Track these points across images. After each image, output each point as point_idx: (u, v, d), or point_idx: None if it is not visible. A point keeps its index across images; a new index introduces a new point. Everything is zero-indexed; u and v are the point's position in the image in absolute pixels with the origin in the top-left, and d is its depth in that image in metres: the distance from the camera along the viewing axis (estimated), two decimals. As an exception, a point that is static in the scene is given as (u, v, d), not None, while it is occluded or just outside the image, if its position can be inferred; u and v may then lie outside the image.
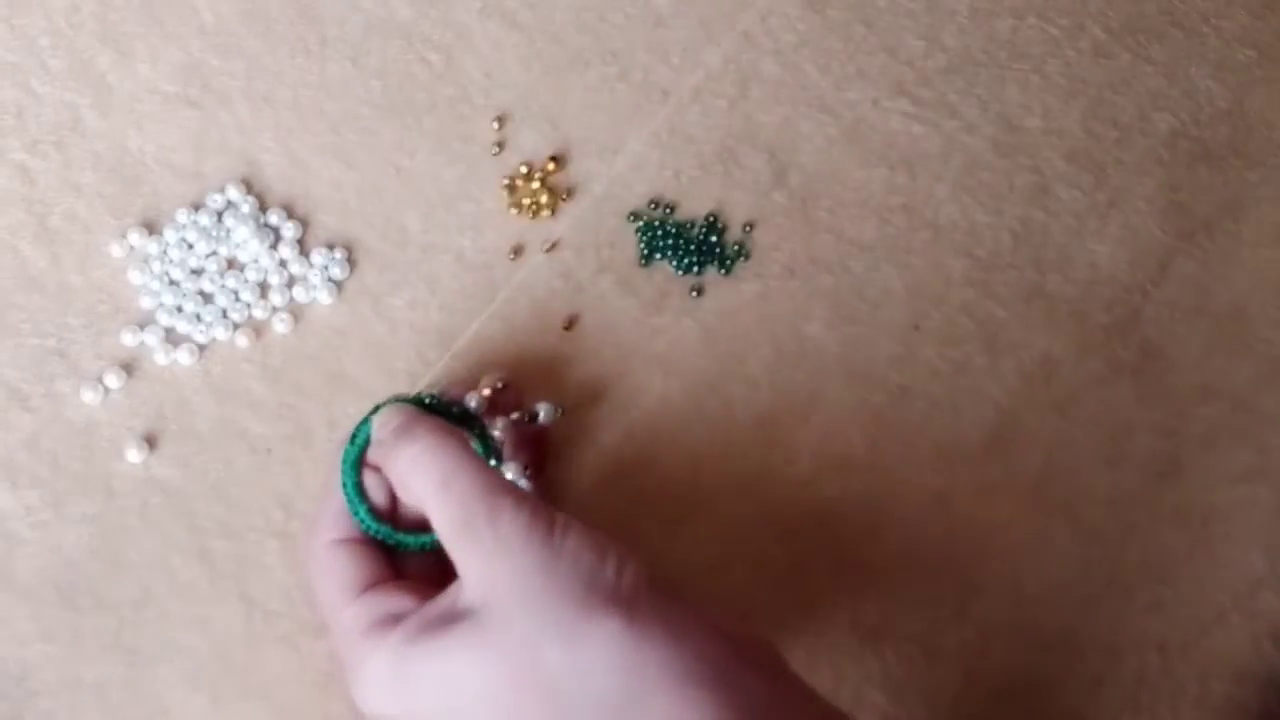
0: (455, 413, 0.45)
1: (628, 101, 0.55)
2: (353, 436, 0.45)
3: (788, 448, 0.51)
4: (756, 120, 0.55)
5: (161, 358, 0.50)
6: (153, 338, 0.50)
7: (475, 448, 0.45)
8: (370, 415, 0.45)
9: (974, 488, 0.51)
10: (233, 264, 0.52)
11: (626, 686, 0.37)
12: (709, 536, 0.50)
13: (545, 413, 0.47)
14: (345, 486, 0.44)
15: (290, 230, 0.52)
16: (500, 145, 0.54)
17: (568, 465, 0.50)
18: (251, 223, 0.52)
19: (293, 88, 0.54)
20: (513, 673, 0.38)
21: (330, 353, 0.51)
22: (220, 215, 0.52)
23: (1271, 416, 0.52)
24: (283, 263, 0.52)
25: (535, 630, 0.38)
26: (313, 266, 0.52)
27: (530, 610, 0.38)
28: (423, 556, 0.45)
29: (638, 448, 0.50)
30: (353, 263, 0.52)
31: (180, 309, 0.51)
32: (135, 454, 0.49)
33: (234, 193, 0.52)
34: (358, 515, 0.44)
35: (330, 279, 0.52)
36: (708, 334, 0.52)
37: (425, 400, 0.45)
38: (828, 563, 0.50)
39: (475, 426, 0.45)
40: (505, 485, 0.41)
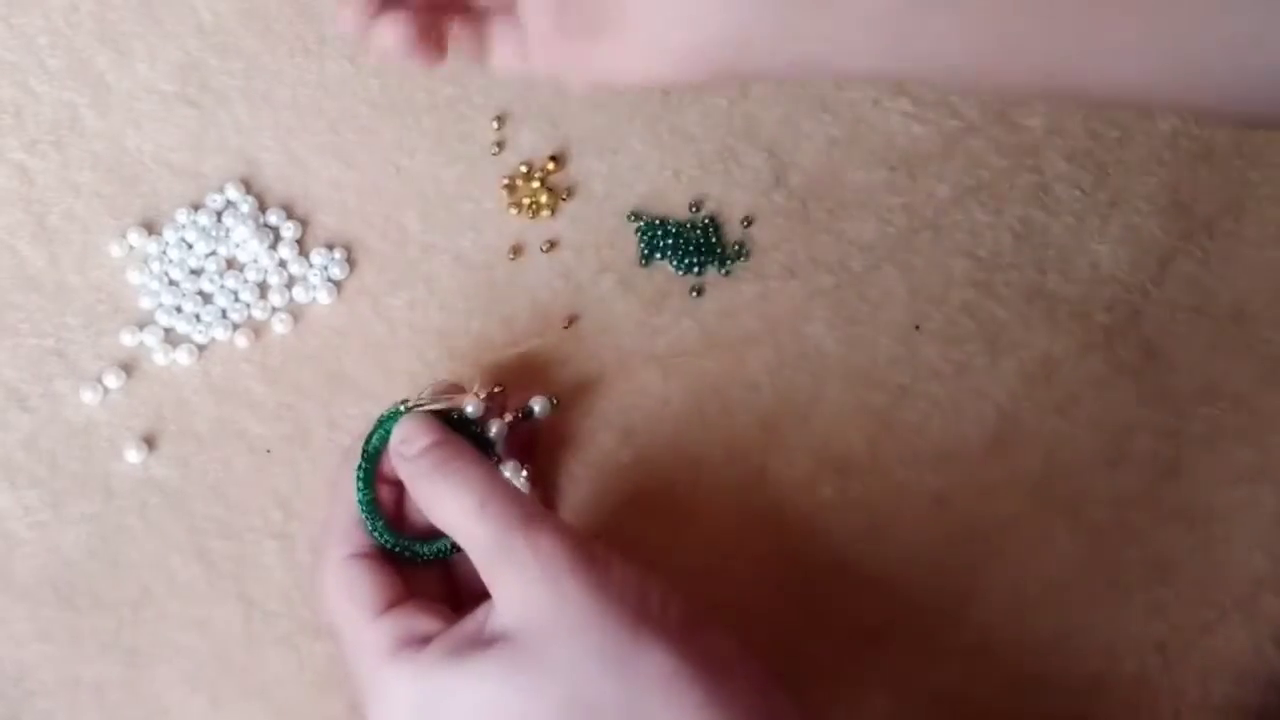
0: (455, 418, 0.45)
1: (628, 101, 0.55)
2: (363, 450, 0.45)
3: (788, 448, 0.51)
4: (756, 120, 0.55)
5: (160, 358, 0.50)
6: (152, 338, 0.50)
7: None
8: (378, 427, 0.45)
9: (974, 488, 0.51)
10: (232, 264, 0.52)
11: (672, 714, 0.37)
12: (709, 537, 0.50)
13: (540, 407, 0.47)
14: (361, 503, 0.44)
15: (289, 230, 0.52)
16: (500, 145, 0.54)
17: (567, 465, 0.50)
18: (251, 222, 0.52)
19: (291, 87, 0.54)
20: (559, 699, 0.37)
21: (329, 353, 0.51)
22: (219, 215, 0.52)
23: (1272, 417, 0.52)
24: (282, 263, 0.52)
25: (582, 656, 0.37)
26: (312, 266, 0.52)
27: (577, 637, 0.37)
28: (430, 573, 0.45)
29: (637, 448, 0.50)
30: (352, 263, 0.52)
31: (179, 309, 0.51)
32: (134, 454, 0.49)
33: (233, 192, 0.52)
34: (374, 530, 0.43)
35: (329, 279, 0.52)
36: (708, 334, 0.52)
37: (429, 408, 0.45)
38: (828, 563, 0.50)
39: (473, 430, 0.45)
40: (543, 511, 0.40)
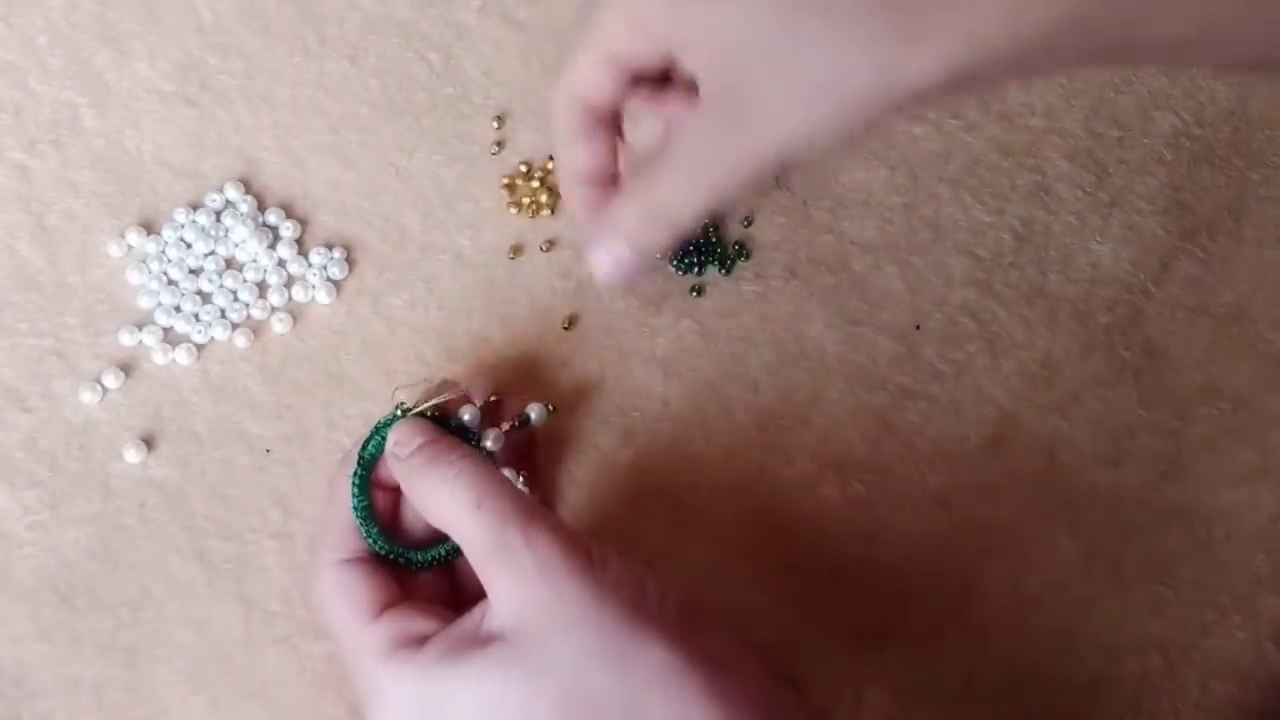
0: (452, 425, 0.45)
1: (627, 100, 0.55)
2: (359, 456, 0.44)
3: (788, 448, 0.51)
4: (757, 119, 0.55)
5: (160, 357, 0.50)
6: (151, 337, 0.50)
7: None
8: (374, 434, 0.45)
9: (975, 488, 0.51)
10: (231, 263, 0.52)
11: (672, 710, 0.37)
12: (709, 537, 0.49)
13: (536, 414, 0.47)
14: (356, 510, 0.44)
15: (289, 230, 0.52)
16: (499, 144, 0.54)
17: (566, 466, 0.50)
18: (250, 222, 0.51)
19: (291, 87, 0.54)
20: (558, 696, 0.37)
21: (329, 352, 0.51)
22: (218, 215, 0.52)
23: (1273, 417, 0.52)
24: (281, 262, 0.52)
25: (581, 653, 0.37)
26: (311, 266, 0.52)
27: (575, 633, 0.37)
28: (430, 576, 0.45)
29: (637, 448, 0.50)
30: (351, 262, 0.52)
31: (178, 309, 0.51)
32: (133, 454, 0.49)
33: (232, 192, 0.52)
34: (369, 537, 0.43)
35: (329, 279, 0.52)
36: (708, 334, 0.52)
37: (427, 414, 0.45)
38: (828, 563, 0.50)
39: (470, 439, 0.45)
40: (540, 509, 0.40)
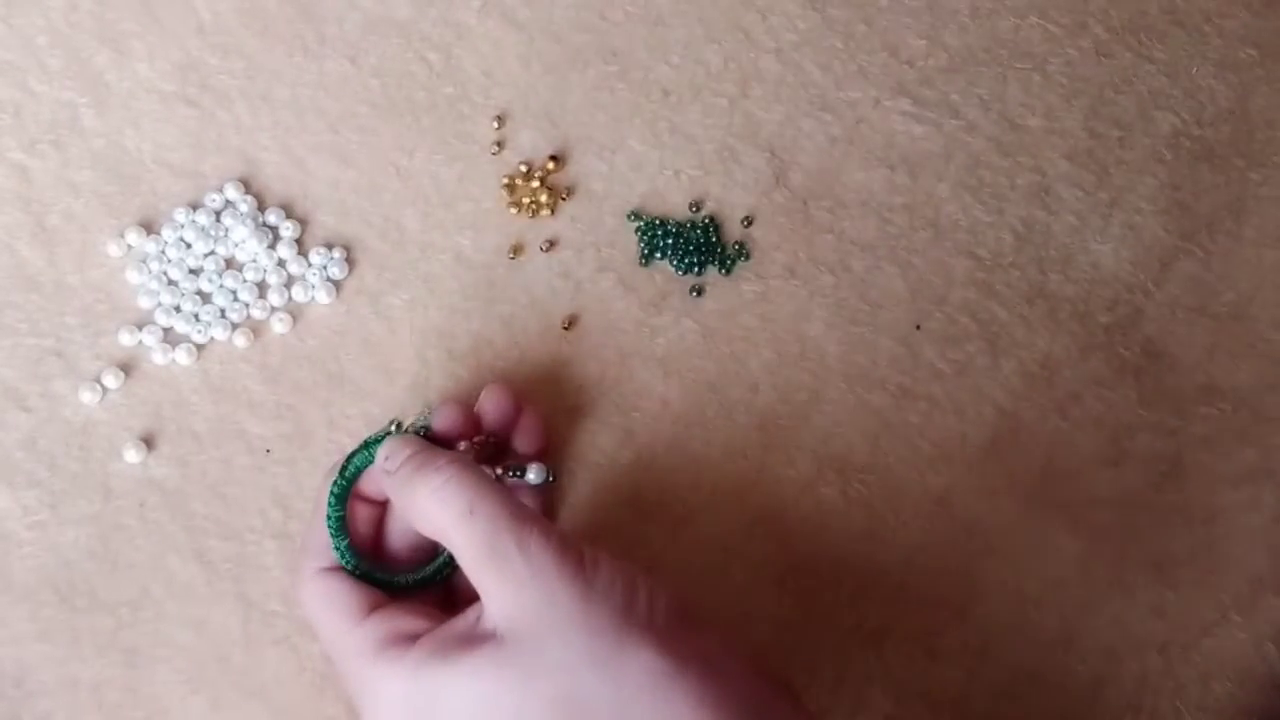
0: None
1: (628, 101, 0.55)
2: (341, 469, 0.44)
3: (788, 448, 0.51)
4: (757, 119, 0.55)
5: (159, 357, 0.50)
6: (151, 337, 0.50)
7: None
8: (362, 448, 0.45)
9: (975, 488, 0.51)
10: (231, 263, 0.52)
11: (661, 714, 0.37)
12: (709, 537, 0.49)
13: (535, 474, 0.45)
14: (329, 520, 0.44)
15: (288, 230, 0.52)
16: (499, 144, 0.54)
17: (567, 466, 0.50)
18: (250, 222, 0.51)
19: (291, 86, 0.54)
20: (550, 698, 0.37)
21: (329, 352, 0.51)
22: (218, 214, 0.52)
23: (1274, 417, 0.52)
24: (281, 262, 0.52)
25: (572, 656, 0.37)
26: (311, 266, 0.52)
27: (566, 637, 0.38)
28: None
29: (637, 448, 0.50)
30: (351, 262, 0.52)
31: (178, 308, 0.50)
32: (133, 454, 0.49)
33: (232, 192, 0.52)
34: (337, 549, 0.44)
35: (329, 278, 0.52)
36: (708, 334, 0.52)
37: (419, 434, 0.45)
38: (828, 564, 0.50)
39: None
40: (532, 513, 0.41)
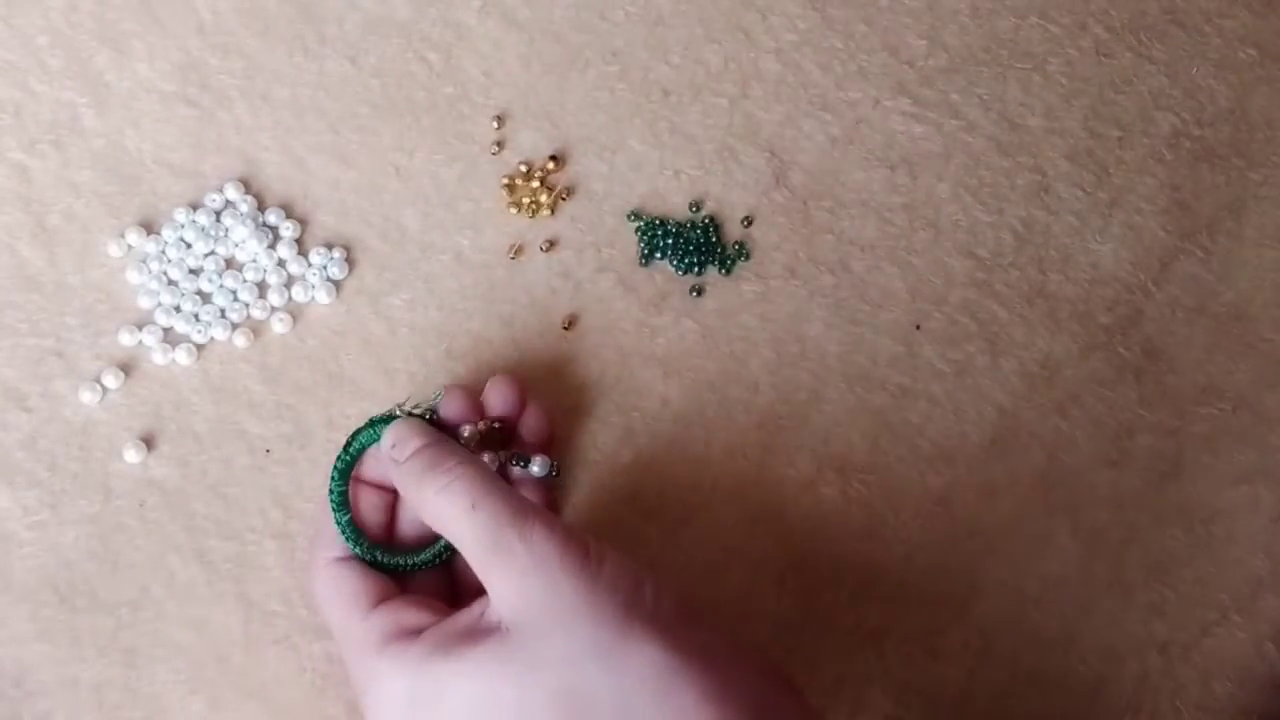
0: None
1: (628, 101, 0.55)
2: (346, 445, 0.45)
3: (788, 448, 0.51)
4: (757, 119, 0.55)
5: (159, 357, 0.50)
6: (151, 337, 0.50)
7: None
8: (368, 426, 0.45)
9: (975, 488, 0.51)
10: (231, 263, 0.52)
11: (664, 709, 0.37)
12: (709, 537, 0.49)
13: (539, 466, 0.46)
14: (331, 495, 0.44)
15: (288, 230, 0.52)
16: (499, 144, 0.54)
17: (567, 465, 0.50)
18: (250, 222, 0.51)
19: (291, 87, 0.54)
20: (552, 691, 0.37)
21: (329, 352, 0.51)
22: (218, 215, 0.52)
23: (1273, 417, 0.52)
24: (281, 262, 0.52)
25: (576, 649, 0.37)
26: (311, 266, 0.52)
27: (570, 629, 0.38)
28: (429, 573, 0.45)
29: (637, 448, 0.50)
30: (351, 262, 0.52)
31: (178, 309, 0.50)
32: (133, 454, 0.49)
33: (232, 192, 0.52)
34: (338, 525, 0.44)
35: (329, 278, 0.52)
36: (708, 334, 0.52)
37: (425, 416, 0.45)
38: (828, 563, 0.50)
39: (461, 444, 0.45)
40: (535, 508, 0.41)
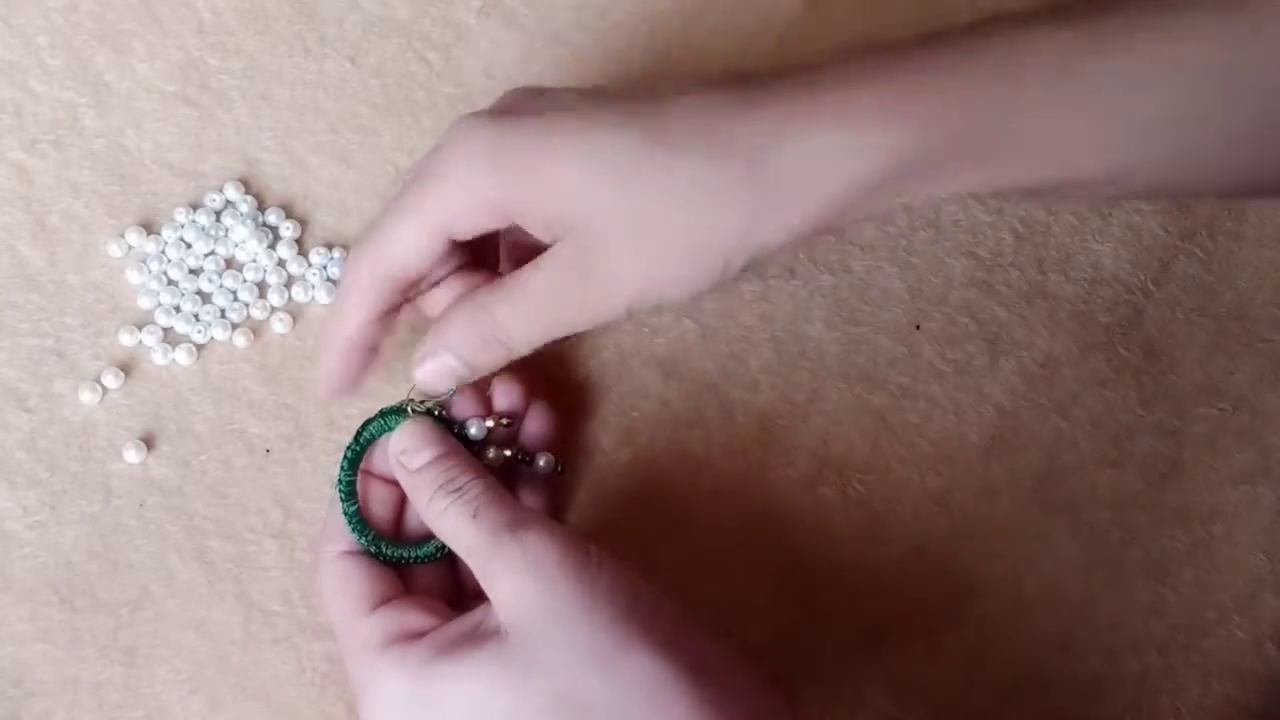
0: (455, 433, 0.45)
1: (627, 100, 0.55)
2: (356, 435, 0.45)
3: (787, 448, 0.51)
4: (757, 119, 0.55)
5: (159, 357, 0.50)
6: (151, 337, 0.50)
7: None
8: (378, 417, 0.45)
9: (975, 488, 0.51)
10: (231, 263, 0.52)
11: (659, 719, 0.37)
12: (709, 538, 0.49)
13: (544, 462, 0.46)
14: (339, 484, 0.44)
15: (289, 230, 0.52)
16: (499, 144, 0.54)
17: (566, 467, 0.50)
18: (250, 222, 0.51)
19: (291, 86, 0.54)
20: (548, 697, 0.37)
21: (329, 352, 0.51)
22: (218, 214, 0.52)
23: (1274, 417, 0.52)
24: (281, 262, 0.52)
25: (573, 656, 0.37)
26: (311, 266, 0.52)
27: (567, 635, 0.37)
28: (434, 572, 0.45)
29: (637, 449, 0.50)
30: (351, 262, 0.52)
31: (178, 308, 0.50)
32: (133, 454, 0.49)
33: (232, 192, 0.52)
34: (346, 514, 0.44)
35: (329, 278, 0.52)
36: (708, 334, 0.52)
37: (435, 412, 0.45)
38: (828, 563, 0.50)
39: (471, 448, 0.45)
40: (535, 514, 0.41)
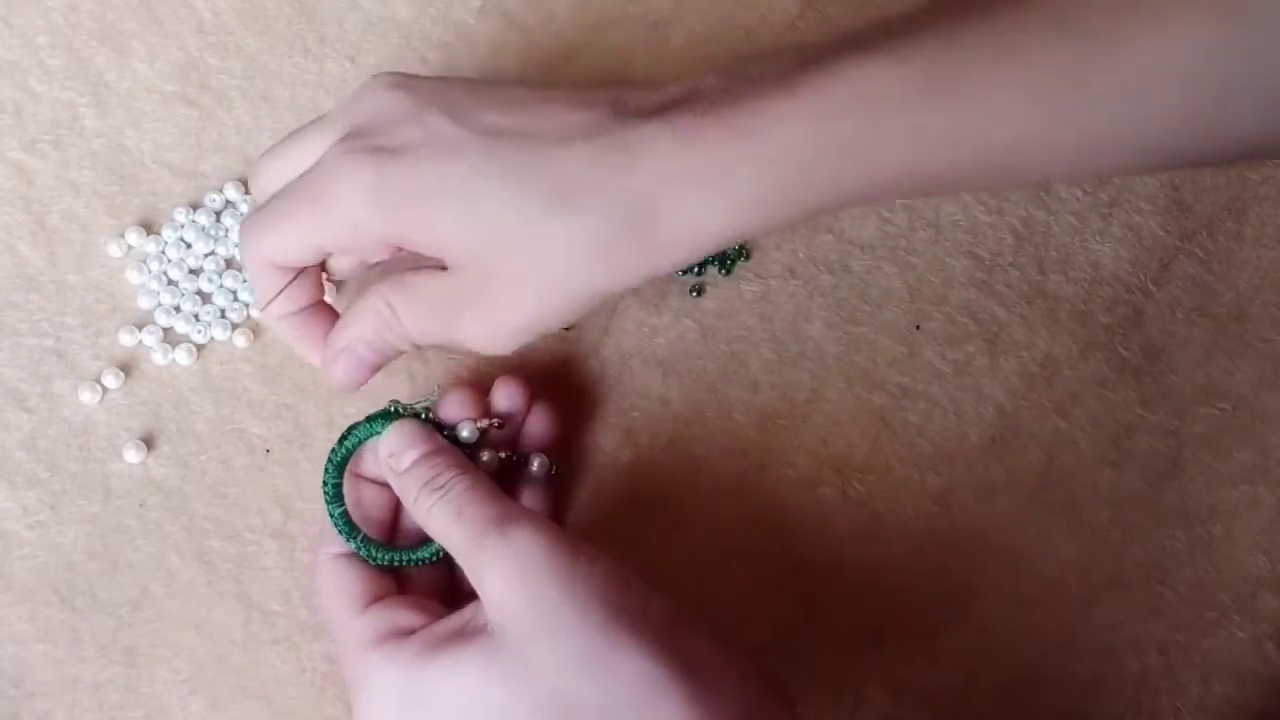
0: (446, 435, 0.45)
1: (627, 100, 0.55)
2: (341, 439, 0.45)
3: (787, 448, 0.51)
4: (757, 119, 0.55)
5: (159, 357, 0.50)
6: (151, 337, 0.50)
7: None
8: (365, 422, 0.45)
9: (975, 488, 0.51)
10: (231, 263, 0.52)
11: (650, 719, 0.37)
12: (709, 537, 0.49)
13: (538, 464, 0.46)
14: (325, 486, 0.44)
15: (289, 229, 0.52)
16: (499, 144, 0.54)
17: (566, 467, 0.50)
18: (250, 222, 0.51)
19: (291, 86, 0.54)
20: (538, 696, 0.37)
21: (329, 352, 0.51)
22: (218, 214, 0.52)
23: (1273, 417, 0.52)
24: (281, 262, 0.52)
25: (562, 655, 0.37)
26: (311, 266, 0.52)
27: (556, 634, 0.37)
28: (431, 572, 0.45)
29: (637, 448, 0.50)
30: (351, 262, 0.52)
31: (178, 308, 0.50)
32: (133, 454, 0.49)
33: (232, 192, 0.52)
34: (332, 516, 0.44)
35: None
36: (708, 334, 0.52)
37: (422, 415, 0.45)
38: (828, 563, 0.50)
39: (465, 451, 0.45)
40: (524, 511, 0.41)
